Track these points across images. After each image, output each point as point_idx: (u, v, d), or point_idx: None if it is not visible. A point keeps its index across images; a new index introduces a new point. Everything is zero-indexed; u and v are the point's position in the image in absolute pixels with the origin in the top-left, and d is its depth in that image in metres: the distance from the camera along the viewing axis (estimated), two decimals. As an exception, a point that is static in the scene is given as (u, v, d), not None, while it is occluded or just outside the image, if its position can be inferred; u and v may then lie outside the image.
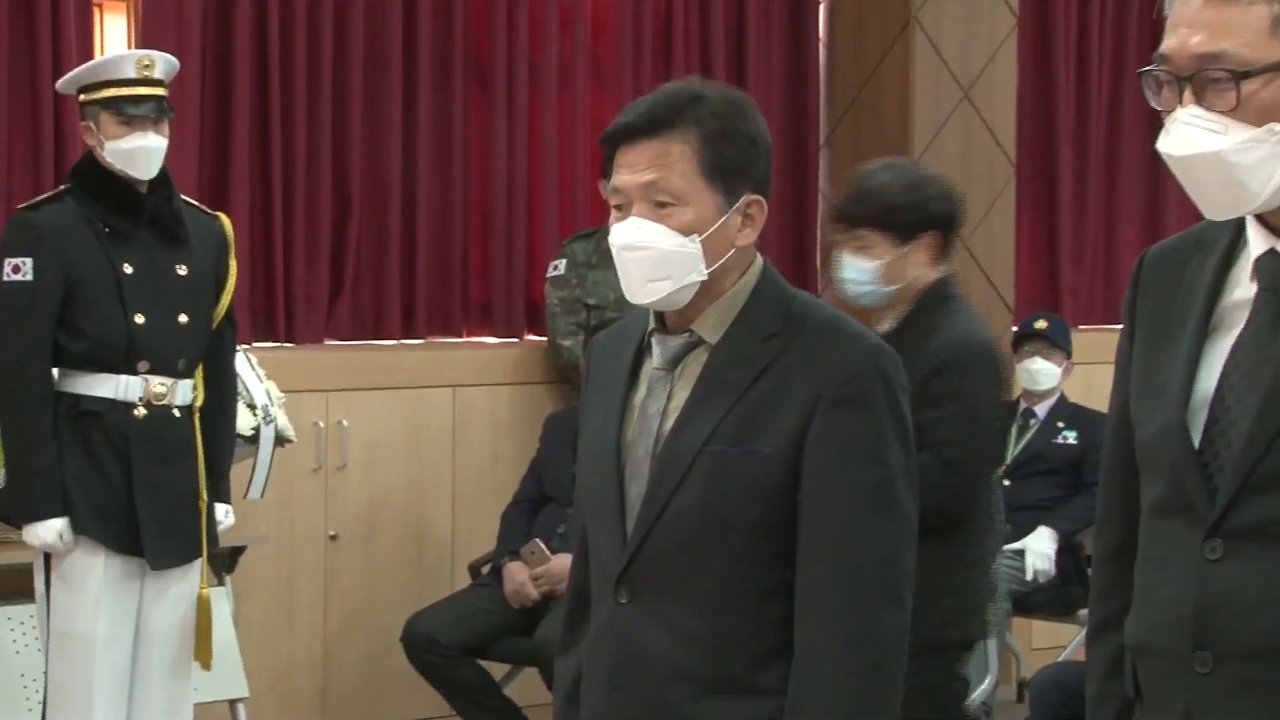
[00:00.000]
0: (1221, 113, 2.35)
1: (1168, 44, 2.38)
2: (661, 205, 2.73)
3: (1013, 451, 7.42)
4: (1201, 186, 2.39)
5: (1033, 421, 7.46)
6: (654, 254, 2.72)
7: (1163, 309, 2.51)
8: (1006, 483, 7.15)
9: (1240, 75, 2.33)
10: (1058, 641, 7.69)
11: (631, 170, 2.74)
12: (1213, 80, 2.35)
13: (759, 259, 2.83)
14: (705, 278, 2.74)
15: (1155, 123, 8.33)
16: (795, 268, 8.14)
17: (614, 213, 2.78)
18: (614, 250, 2.76)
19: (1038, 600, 7.21)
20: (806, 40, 8.09)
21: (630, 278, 2.76)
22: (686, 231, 2.73)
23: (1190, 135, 2.37)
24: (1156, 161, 2.40)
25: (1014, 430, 7.48)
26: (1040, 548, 7.14)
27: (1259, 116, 2.34)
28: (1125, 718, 2.59)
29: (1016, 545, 7.11)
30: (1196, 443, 2.42)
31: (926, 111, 7.97)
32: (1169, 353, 2.48)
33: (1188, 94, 2.37)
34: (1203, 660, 2.41)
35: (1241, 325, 2.43)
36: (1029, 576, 7.12)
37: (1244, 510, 2.39)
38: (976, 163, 7.98)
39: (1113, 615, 2.62)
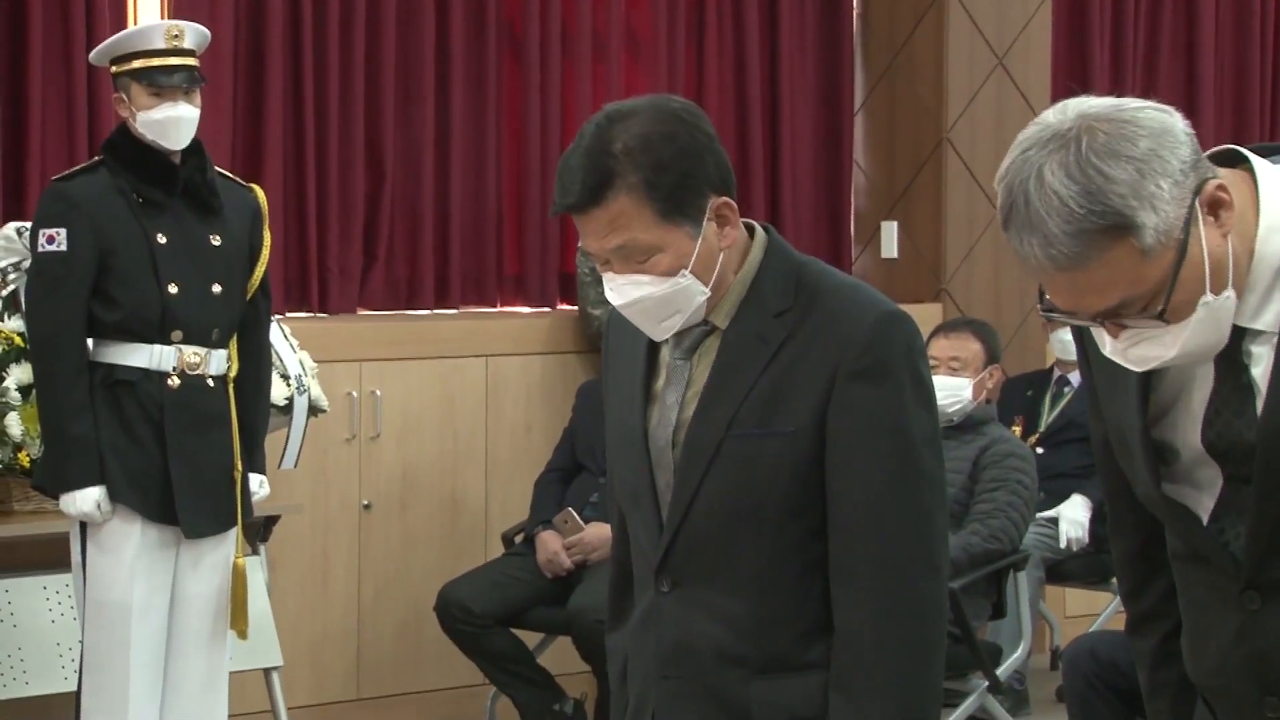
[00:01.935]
0: (1153, 325, 2.28)
1: (1059, 301, 2.28)
2: (639, 260, 2.69)
3: (1046, 419, 7.40)
4: (1179, 364, 2.34)
5: (1066, 390, 7.44)
6: (653, 302, 2.71)
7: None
8: (1040, 450, 7.15)
9: (1158, 313, 2.26)
10: (1092, 609, 7.68)
11: (595, 237, 2.70)
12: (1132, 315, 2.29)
13: (758, 234, 2.80)
14: (710, 293, 2.73)
15: (1190, 90, 8.31)
16: (830, 236, 8.13)
17: (599, 265, 2.75)
18: (615, 306, 2.75)
19: (1072, 568, 7.19)
20: (841, 7, 8.07)
21: (641, 325, 2.75)
22: (672, 272, 2.69)
23: (1141, 353, 2.31)
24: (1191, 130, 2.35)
25: (1047, 398, 7.47)
26: (1074, 515, 7.13)
27: (1188, 309, 2.27)
28: (1181, 705, 2.58)
29: (1050, 513, 7.10)
30: (1203, 517, 2.41)
31: (961, 78, 7.95)
32: (1124, 399, 2.44)
33: (1110, 325, 2.29)
34: (1273, 705, 2.40)
35: (1196, 384, 2.39)
36: (1063, 544, 7.10)
37: (1273, 565, 2.37)
38: (1010, 130, 7.92)
39: (1149, 609, 2.61)
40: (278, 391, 5.79)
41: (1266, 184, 2.35)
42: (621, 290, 2.72)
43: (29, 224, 5.31)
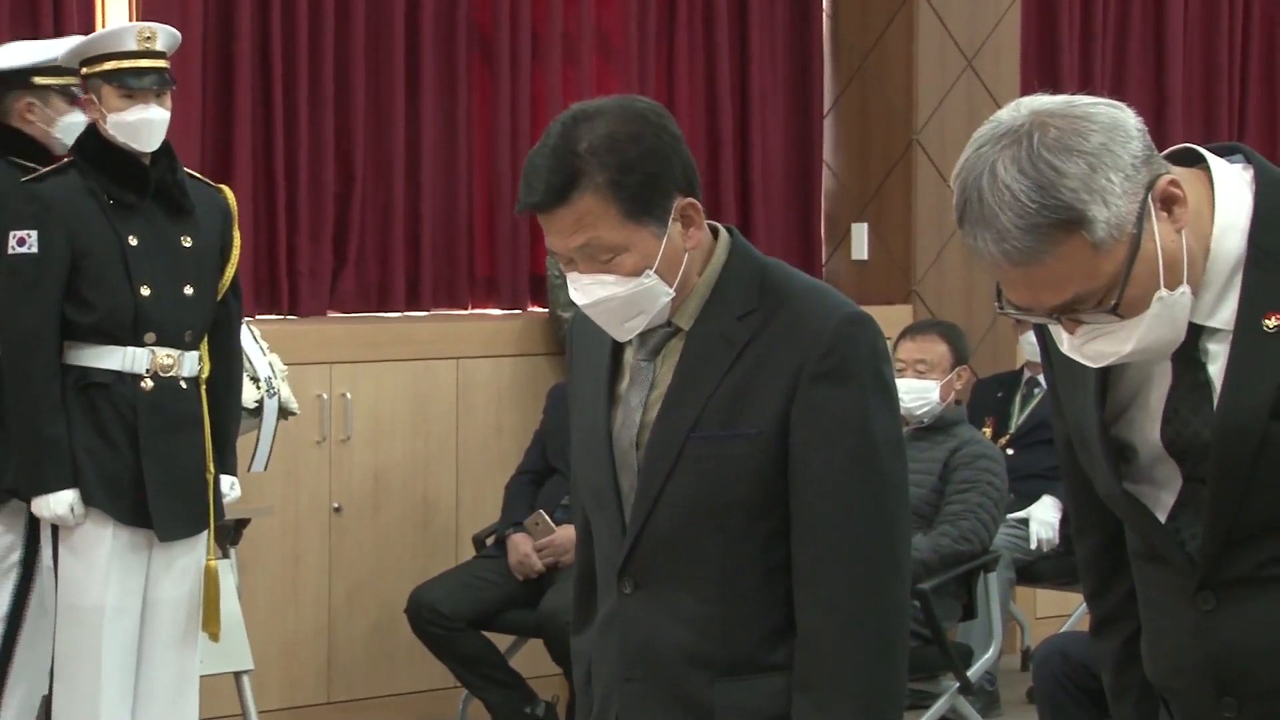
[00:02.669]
0: (1108, 320, 2.31)
1: (1015, 296, 2.31)
2: (603, 259, 2.69)
3: (1017, 421, 7.42)
4: (1136, 360, 2.37)
5: (1036, 391, 7.46)
6: (617, 303, 2.71)
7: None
8: (1010, 452, 7.16)
9: (1111, 307, 2.28)
10: (1062, 610, 7.70)
11: (560, 236, 2.69)
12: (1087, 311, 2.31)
13: (722, 235, 2.80)
14: (674, 294, 2.73)
15: (1159, 90, 8.34)
16: (800, 237, 8.14)
17: (563, 264, 2.75)
18: (579, 306, 2.75)
19: (1042, 569, 7.21)
20: (811, 9, 8.08)
21: (605, 325, 2.75)
22: (637, 272, 2.69)
23: (1097, 349, 2.33)
24: (1159, 131, 2.37)
25: (1018, 399, 7.48)
26: (1044, 516, 7.14)
27: (1142, 305, 2.29)
28: (1145, 706, 2.60)
29: (1020, 514, 7.12)
30: (1161, 516, 2.42)
31: (931, 80, 7.96)
32: (1083, 396, 2.46)
33: (1066, 321, 2.32)
34: (1228, 705, 2.42)
35: (1154, 382, 2.41)
36: (1033, 545, 7.12)
37: (1227, 565, 2.39)
38: (980, 132, 7.96)
39: (1112, 611, 2.63)
40: (248, 394, 5.78)
41: (1222, 183, 2.37)
42: (586, 290, 2.72)
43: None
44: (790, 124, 8.07)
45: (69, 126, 5.37)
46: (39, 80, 5.39)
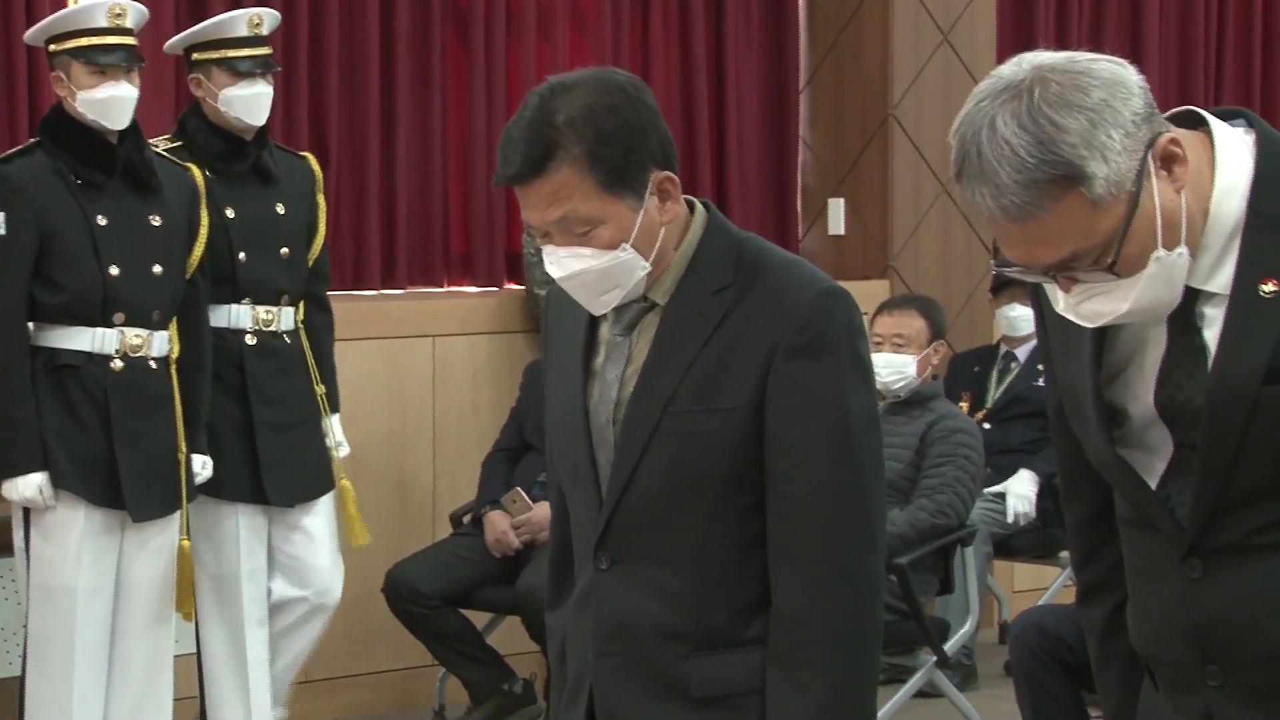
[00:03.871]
0: (1105, 279, 2.30)
1: (1012, 254, 2.29)
2: (580, 232, 2.68)
3: (993, 395, 7.42)
4: (1131, 321, 2.36)
5: (1013, 365, 7.46)
6: (593, 275, 2.70)
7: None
8: (987, 426, 7.16)
9: (1108, 265, 2.27)
10: (1040, 583, 7.71)
11: (536, 209, 2.68)
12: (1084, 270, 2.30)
13: (699, 211, 2.80)
14: (650, 268, 2.72)
15: (1135, 62, 8.30)
16: (777, 213, 8.13)
17: (539, 237, 2.74)
18: (555, 279, 2.74)
19: (1019, 543, 7.22)
20: (785, -16, 8.07)
21: (581, 298, 2.75)
22: (613, 245, 2.68)
23: (1093, 308, 2.32)
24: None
25: (994, 374, 7.48)
26: (1021, 490, 7.15)
27: (1139, 264, 2.28)
28: (1130, 676, 2.59)
29: (997, 488, 7.12)
30: (1152, 482, 2.41)
31: (907, 55, 7.95)
32: (1078, 359, 2.45)
33: (1062, 280, 2.31)
34: (1213, 674, 2.41)
35: (1149, 345, 2.40)
36: (1010, 519, 7.12)
37: (1216, 532, 2.38)
38: (957, 106, 7.87)
39: (1099, 579, 2.62)
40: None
41: (1224, 146, 2.36)
42: (562, 263, 2.71)
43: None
44: (766, 98, 8.05)
45: (233, 100, 5.37)
46: (196, 56, 5.40)
